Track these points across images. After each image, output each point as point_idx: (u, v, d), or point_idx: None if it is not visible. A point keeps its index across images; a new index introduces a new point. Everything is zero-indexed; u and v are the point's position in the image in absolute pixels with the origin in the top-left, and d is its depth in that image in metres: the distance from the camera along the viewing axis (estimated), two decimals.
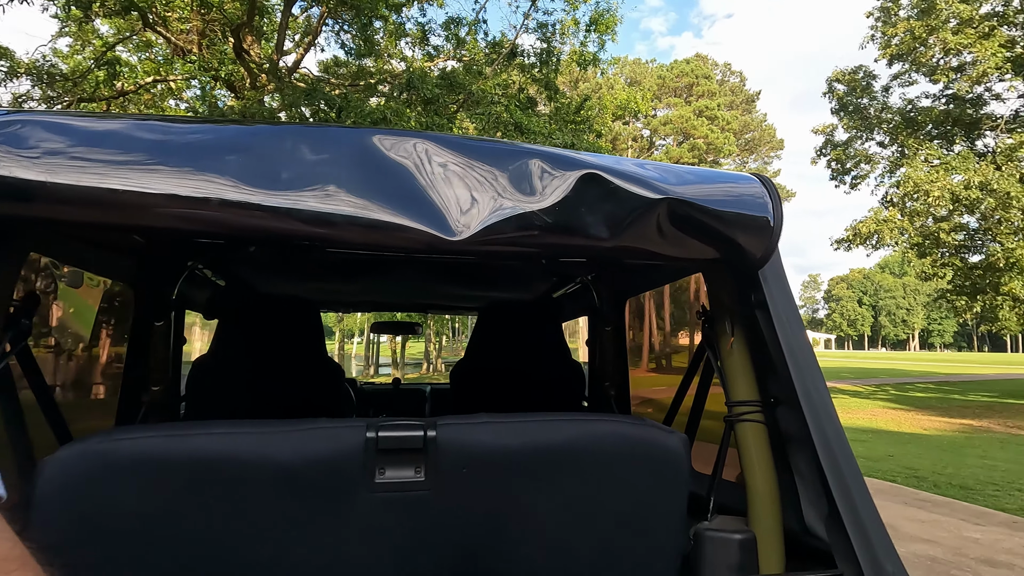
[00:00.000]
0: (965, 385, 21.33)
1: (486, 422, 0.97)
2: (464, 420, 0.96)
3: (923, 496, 5.83)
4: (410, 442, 0.92)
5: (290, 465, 0.86)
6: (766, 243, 1.05)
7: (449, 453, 0.93)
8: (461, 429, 0.95)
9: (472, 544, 0.96)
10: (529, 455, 0.95)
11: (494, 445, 0.94)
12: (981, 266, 14.65)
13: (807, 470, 1.13)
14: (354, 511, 0.90)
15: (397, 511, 0.92)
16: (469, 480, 0.94)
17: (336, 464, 0.89)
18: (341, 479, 0.89)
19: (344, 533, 0.90)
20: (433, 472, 0.92)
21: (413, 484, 0.92)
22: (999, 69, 14.46)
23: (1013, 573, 3.77)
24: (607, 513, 1.00)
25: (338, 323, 30.94)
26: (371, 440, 0.90)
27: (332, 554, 0.90)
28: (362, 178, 0.88)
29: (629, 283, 2.10)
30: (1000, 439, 9.61)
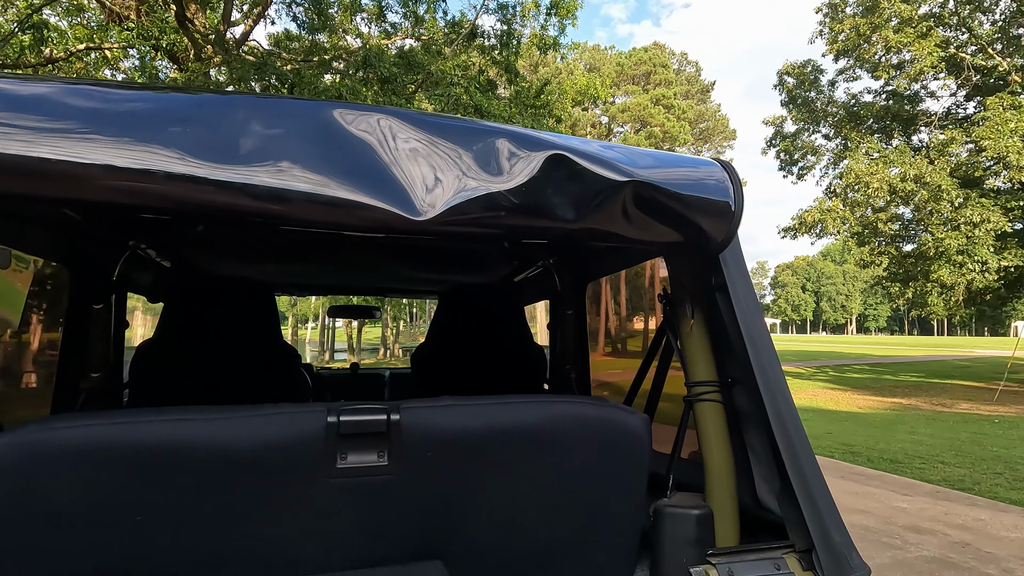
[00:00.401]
0: (896, 366, 22.78)
1: (450, 405, 0.95)
2: (428, 403, 0.95)
3: (857, 470, 6.21)
4: (373, 426, 0.90)
5: (245, 452, 0.83)
6: (727, 227, 1.07)
7: (413, 437, 0.91)
8: (425, 412, 0.93)
9: (435, 526, 0.95)
10: (493, 437, 0.95)
11: (458, 428, 0.93)
12: (913, 255, 15.57)
13: (761, 447, 1.17)
14: (314, 498, 0.88)
15: (359, 496, 0.90)
16: (433, 463, 0.93)
17: (295, 450, 0.86)
18: (300, 465, 0.86)
19: (303, 520, 0.88)
20: (396, 456, 0.91)
21: (376, 469, 0.90)
22: (934, 68, 15.26)
23: (935, 539, 4.08)
24: (569, 492, 1.01)
25: (291, 308, 30.13)
26: (332, 425, 0.88)
27: (291, 542, 0.88)
28: (320, 153, 0.84)
29: (590, 267, 2.12)
30: (926, 416, 10.32)
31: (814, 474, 1.04)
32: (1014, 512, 4.70)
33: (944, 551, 3.84)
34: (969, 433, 8.37)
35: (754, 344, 1.10)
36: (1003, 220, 13.30)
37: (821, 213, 16.52)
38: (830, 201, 16.88)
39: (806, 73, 18.44)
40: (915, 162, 14.27)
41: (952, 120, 16.40)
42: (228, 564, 0.85)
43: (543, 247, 2.00)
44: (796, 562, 1.01)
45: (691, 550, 1.08)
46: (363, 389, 3.59)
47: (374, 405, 0.91)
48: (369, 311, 4.24)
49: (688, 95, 38.80)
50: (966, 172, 14.45)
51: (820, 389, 15.00)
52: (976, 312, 17.20)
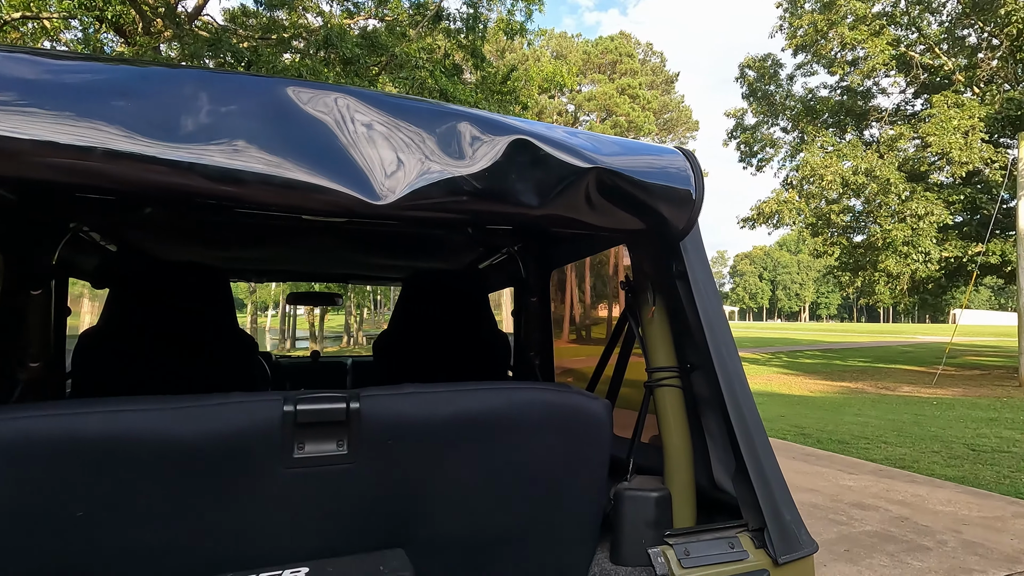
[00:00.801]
0: (846, 352, 23.88)
1: (412, 393, 0.94)
2: (389, 391, 0.93)
3: (808, 451, 6.50)
4: (331, 415, 0.88)
5: (195, 444, 0.80)
6: (688, 215, 1.08)
7: (373, 425, 0.90)
8: (386, 400, 0.92)
9: (397, 514, 0.95)
10: (456, 424, 0.94)
11: (420, 415, 0.92)
12: (863, 245, 16.26)
13: (718, 431, 1.21)
14: (270, 489, 0.86)
15: (318, 486, 0.88)
16: (394, 451, 0.91)
17: (250, 440, 0.83)
18: (255, 456, 0.84)
19: (260, 512, 0.86)
20: (356, 445, 0.89)
21: (335, 458, 0.88)
22: (886, 65, 15.86)
23: (878, 514, 4.31)
24: (532, 478, 1.02)
25: (250, 294, 29.29)
26: (289, 414, 0.85)
27: (247, 534, 0.86)
28: (276, 133, 0.81)
29: (554, 254, 2.12)
30: (872, 399, 10.87)
31: (767, 456, 1.08)
32: (948, 487, 5.01)
33: (885, 526, 4.07)
34: (910, 414, 8.86)
35: (713, 331, 1.12)
36: (945, 213, 14.01)
37: (778, 204, 17.04)
38: (787, 193, 17.42)
39: (766, 67, 18.89)
40: (866, 156, 14.85)
41: (901, 116, 17.12)
42: (180, 561, 0.82)
43: (507, 233, 1.99)
44: (749, 540, 1.05)
45: (650, 531, 1.10)
46: (324, 377, 3.53)
47: (333, 393, 0.90)
48: (330, 298, 4.15)
49: (653, 85, 39.22)
50: (913, 167, 15.15)
51: (774, 374, 15.59)
52: (919, 300, 18.16)
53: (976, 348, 24.12)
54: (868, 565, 3.42)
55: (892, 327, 72.98)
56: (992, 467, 5.64)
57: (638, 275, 1.32)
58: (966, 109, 13.37)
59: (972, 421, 8.13)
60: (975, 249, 14.56)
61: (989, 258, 14.55)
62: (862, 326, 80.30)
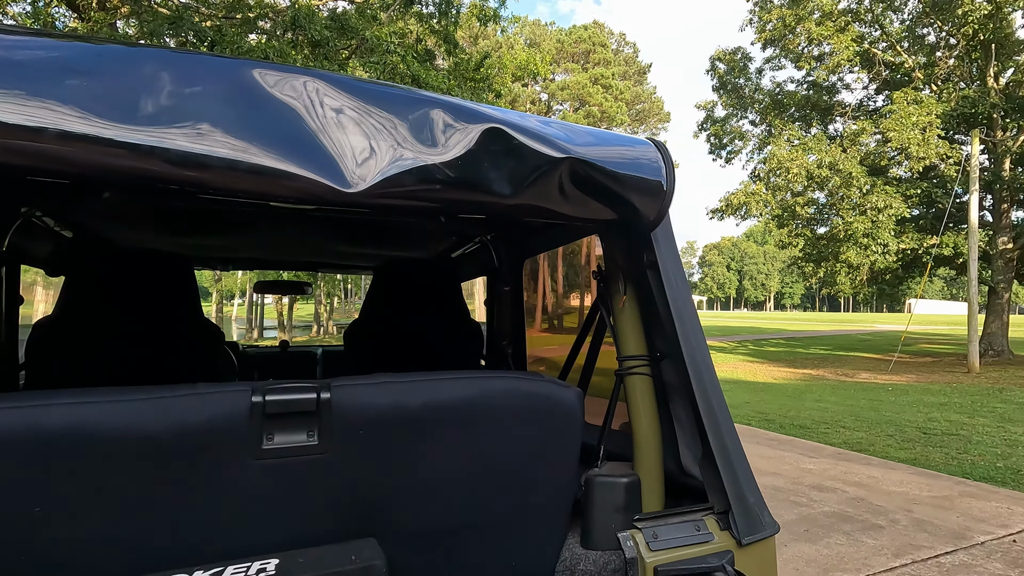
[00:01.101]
0: (808, 340, 24.66)
1: (384, 382, 0.94)
2: (361, 381, 0.93)
3: (771, 436, 6.72)
4: (301, 405, 0.87)
5: (161, 436, 0.78)
6: (659, 206, 1.10)
7: (344, 415, 0.89)
8: (358, 390, 0.91)
9: (369, 504, 0.94)
10: (428, 414, 0.94)
11: (393, 405, 0.92)
12: (826, 237, 16.75)
13: (686, 417, 1.24)
14: (239, 480, 0.84)
15: (288, 477, 0.87)
16: (366, 441, 0.91)
17: (217, 432, 0.81)
18: (223, 447, 0.82)
19: (229, 504, 0.84)
20: (327, 435, 0.88)
21: (305, 448, 0.87)
22: (850, 61, 16.27)
23: (836, 496, 4.50)
24: (505, 465, 1.03)
25: (215, 283, 28.52)
26: (258, 405, 0.84)
27: (216, 527, 0.84)
28: (242, 117, 0.78)
29: (527, 243, 2.12)
30: (832, 385, 11.27)
31: (733, 441, 1.11)
32: (901, 469, 5.25)
33: (843, 506, 4.25)
34: (867, 400, 9.22)
35: (682, 320, 1.15)
36: (903, 206, 14.53)
37: (746, 196, 17.39)
38: (754, 185, 17.79)
39: (736, 60, 19.16)
40: (830, 150, 15.26)
41: (864, 112, 17.61)
42: (146, 556, 0.81)
43: (480, 223, 1.99)
44: (714, 523, 1.08)
45: (619, 516, 1.13)
46: (293, 367, 3.47)
47: (303, 383, 0.88)
48: (299, 287, 4.06)
49: (626, 76, 39.39)
50: (874, 161, 15.63)
51: (740, 362, 16.01)
52: (877, 290, 18.83)
53: (929, 336, 25.23)
54: (826, 544, 3.57)
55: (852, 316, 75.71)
56: (941, 449, 5.93)
57: (610, 265, 1.34)
58: (924, 106, 13.83)
59: (924, 406, 8.52)
60: (930, 241, 15.16)
61: (943, 250, 15.18)
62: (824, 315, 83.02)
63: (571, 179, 0.99)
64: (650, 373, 1.24)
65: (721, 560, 1.01)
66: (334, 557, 0.83)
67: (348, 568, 0.81)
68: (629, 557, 0.99)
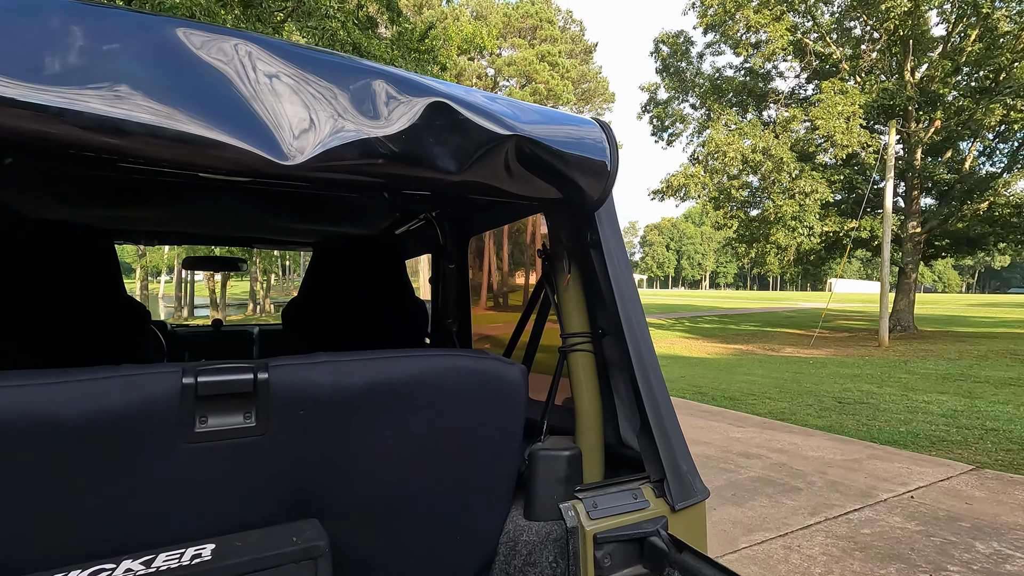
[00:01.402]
0: (739, 317, 26.01)
1: (326, 361, 0.92)
2: (301, 360, 0.90)
3: (703, 408, 7.08)
4: (237, 386, 0.83)
5: (83, 422, 0.73)
6: (603, 186, 1.11)
7: (284, 396, 0.87)
8: (298, 370, 0.88)
9: (311, 485, 0.93)
10: (372, 393, 0.93)
11: (334, 384, 0.90)
12: (758, 219, 17.59)
13: (625, 392, 1.28)
14: (170, 465, 0.81)
15: (224, 460, 0.84)
16: (307, 422, 0.89)
17: (144, 415, 0.77)
18: (151, 432, 0.78)
19: (161, 490, 0.81)
20: (265, 417, 0.86)
21: (242, 431, 0.85)
22: (784, 50, 16.94)
23: (760, 461, 4.82)
24: (449, 442, 1.04)
25: (139, 258, 26.72)
26: (188, 386, 0.80)
27: (148, 514, 0.80)
28: (166, 80, 0.72)
29: (473, 221, 2.11)
30: (760, 359, 11.97)
31: (668, 414, 1.17)
32: (819, 436, 5.68)
33: (766, 471, 4.56)
34: (791, 373, 9.87)
35: (623, 298, 1.18)
36: (827, 191, 15.43)
37: (685, 178, 17.94)
38: (693, 167, 18.36)
39: (679, 43, 19.53)
40: (764, 136, 15.93)
41: (795, 99, 18.45)
42: (72, 548, 0.76)
43: (425, 199, 1.95)
44: (650, 491, 1.14)
45: (561, 488, 1.16)
46: (228, 347, 3.33)
47: (238, 364, 0.85)
48: (233, 263, 3.86)
49: (572, 54, 39.34)
50: (803, 147, 16.47)
51: (677, 338, 16.70)
52: (802, 270, 20.03)
53: (847, 313, 27.18)
54: (750, 507, 3.83)
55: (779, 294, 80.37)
56: (854, 416, 6.46)
57: (554, 244, 1.35)
58: (849, 96, 14.64)
59: (840, 377, 9.21)
60: (850, 225, 16.23)
61: (861, 233, 16.30)
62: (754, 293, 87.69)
63: (517, 157, 0.98)
64: (592, 350, 1.27)
65: (656, 525, 1.07)
66: (274, 539, 0.82)
67: (289, 549, 0.79)
68: (570, 526, 1.03)
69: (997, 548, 3.18)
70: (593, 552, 1.02)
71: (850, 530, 3.44)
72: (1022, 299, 65.02)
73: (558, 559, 1.08)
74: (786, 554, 3.15)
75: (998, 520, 3.55)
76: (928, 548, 3.19)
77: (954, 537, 3.32)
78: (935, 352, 12.12)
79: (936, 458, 4.87)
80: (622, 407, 1.31)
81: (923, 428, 5.84)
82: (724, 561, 3.07)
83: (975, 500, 3.88)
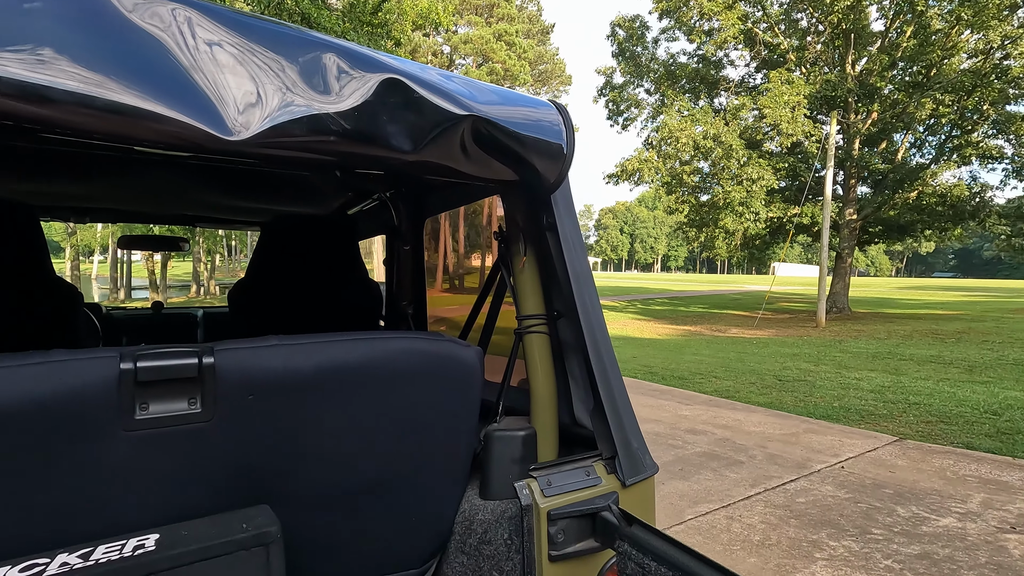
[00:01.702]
0: (689, 299, 26.88)
1: (275, 345, 0.89)
2: (249, 344, 0.87)
3: (654, 387, 7.32)
4: (180, 371, 0.80)
5: (11, 410, 0.69)
6: (559, 168, 1.12)
7: (231, 380, 0.84)
8: (246, 354, 0.86)
9: (262, 471, 0.91)
10: (324, 376, 0.91)
11: (285, 368, 0.88)
12: (708, 204, 18.12)
13: (579, 372, 1.31)
14: (109, 454, 0.77)
15: (168, 447, 0.81)
16: (256, 407, 0.87)
17: (77, 404, 0.73)
18: (85, 421, 0.74)
19: (98, 481, 0.77)
20: (211, 402, 0.83)
21: (186, 417, 0.82)
22: (735, 39, 17.35)
23: (706, 437, 5.04)
24: (405, 425, 1.03)
25: (68, 236, 25.02)
26: (127, 372, 0.76)
27: (85, 506, 0.77)
28: (96, 45, 0.67)
29: (428, 202, 2.08)
30: (707, 340, 12.44)
31: (620, 393, 1.20)
32: (760, 412, 5.98)
33: (711, 446, 4.78)
34: (736, 352, 10.30)
35: (578, 281, 1.19)
36: (773, 178, 16.03)
37: (639, 163, 18.23)
38: (647, 152, 18.67)
39: (635, 28, 19.67)
40: (715, 123, 16.35)
41: (745, 88, 18.97)
42: (5, 542, 0.72)
43: (379, 179, 1.91)
44: (602, 468, 1.17)
45: (516, 467, 1.18)
46: (169, 331, 3.18)
47: (182, 348, 0.81)
48: (172, 242, 3.66)
49: (529, 34, 39.00)
50: (751, 135, 17.01)
51: (630, 320, 17.12)
52: (748, 254, 20.84)
53: (788, 296, 28.53)
54: (696, 480, 4.01)
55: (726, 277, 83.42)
56: (792, 393, 6.82)
57: (511, 226, 1.35)
58: (795, 86, 15.18)
59: (780, 356, 9.70)
60: (792, 211, 16.95)
61: (803, 219, 17.07)
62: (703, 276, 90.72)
63: (474, 138, 0.97)
64: (548, 331, 1.29)
65: (607, 501, 1.10)
66: (223, 526, 0.80)
67: (239, 536, 0.78)
68: (525, 504, 1.05)
69: (915, 512, 3.45)
70: (547, 528, 1.04)
71: (787, 499, 3.66)
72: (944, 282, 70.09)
73: (513, 536, 1.11)
74: (728, 523, 3.32)
75: (917, 486, 3.85)
76: (855, 514, 3.43)
77: (878, 503, 3.58)
78: (866, 332, 12.92)
79: (865, 431, 5.22)
80: (576, 387, 1.33)
81: (854, 403, 6.24)
82: (671, 532, 3.22)
83: (897, 468, 4.20)
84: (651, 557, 0.89)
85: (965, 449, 4.63)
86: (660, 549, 0.88)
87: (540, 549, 1.04)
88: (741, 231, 17.00)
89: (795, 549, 3.01)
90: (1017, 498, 3.63)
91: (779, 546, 3.04)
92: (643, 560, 0.90)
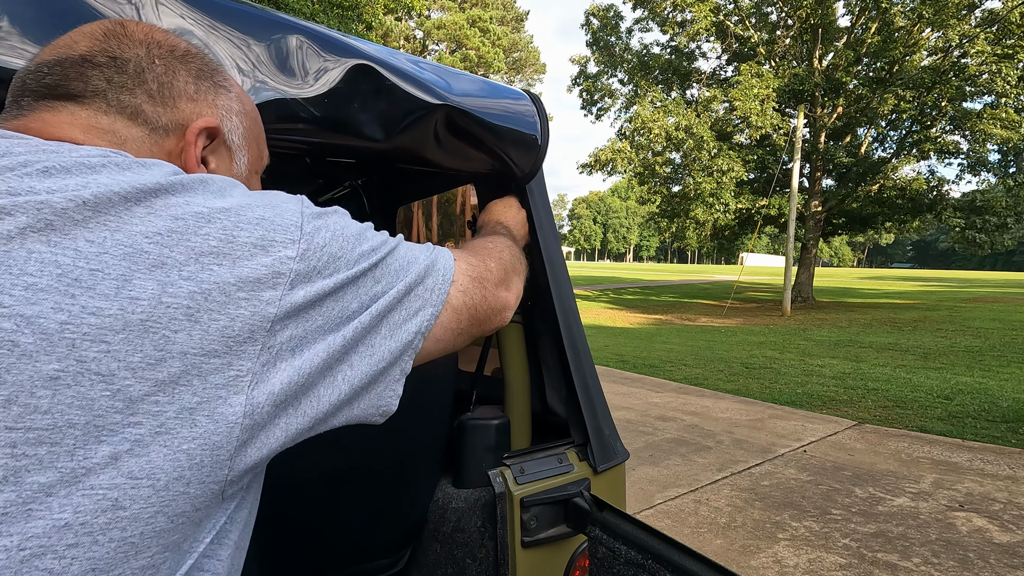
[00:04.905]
0: (660, 289, 27.29)
1: None
2: None
3: (625, 375, 7.43)
4: None
5: None
6: (534, 159, 1.12)
7: None
8: None
9: None
10: None
11: None
12: (679, 195, 18.37)
13: (553, 361, 1.32)
14: None
15: None
16: None
17: None
18: None
19: None
20: None
21: None
22: (708, 31, 17.51)
23: (676, 424, 5.15)
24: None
25: None
26: None
27: None
28: (46, 21, 0.64)
29: (400, 191, 2.05)
30: (677, 329, 12.67)
31: (593, 381, 1.21)
32: (728, 399, 6.14)
33: (681, 433, 4.89)
34: (705, 341, 10.53)
35: (553, 270, 1.20)
36: (742, 170, 16.32)
37: (612, 153, 18.33)
38: (620, 143, 18.78)
39: (609, 17, 19.67)
40: (687, 114, 16.52)
41: (716, 80, 19.21)
42: None
43: (350, 167, 1.88)
44: (574, 455, 1.19)
45: (490, 455, 1.19)
46: None
47: None
48: None
49: (503, 21, 38.65)
50: (722, 127, 17.26)
51: (602, 309, 17.30)
52: (718, 245, 21.24)
53: (756, 285, 29.23)
54: (666, 466, 4.10)
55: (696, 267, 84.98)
56: (758, 380, 7.02)
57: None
58: (764, 79, 15.43)
59: (748, 345, 9.95)
60: (761, 202, 17.31)
61: (770, 210, 17.45)
62: (674, 266, 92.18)
63: (447, 127, 0.96)
64: (521, 321, 1.29)
65: (579, 487, 1.12)
66: None
67: None
68: (498, 492, 1.06)
69: (872, 492, 3.61)
70: (520, 515, 1.06)
71: (752, 483, 3.78)
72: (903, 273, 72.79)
73: (486, 524, 1.12)
74: (696, 507, 3.41)
75: (874, 468, 4.02)
76: (816, 495, 3.56)
77: (838, 485, 3.73)
78: (829, 321, 13.35)
79: (826, 416, 5.42)
80: (549, 376, 1.34)
81: (816, 389, 6.45)
82: (641, 517, 3.29)
83: (856, 451, 4.37)
84: (621, 541, 0.91)
85: (919, 432, 4.85)
86: (630, 533, 0.90)
87: (513, 536, 1.06)
88: (711, 222, 17.29)
89: (759, 530, 3.12)
90: (965, 478, 3.82)
91: (744, 527, 3.15)
92: (614, 544, 0.92)
